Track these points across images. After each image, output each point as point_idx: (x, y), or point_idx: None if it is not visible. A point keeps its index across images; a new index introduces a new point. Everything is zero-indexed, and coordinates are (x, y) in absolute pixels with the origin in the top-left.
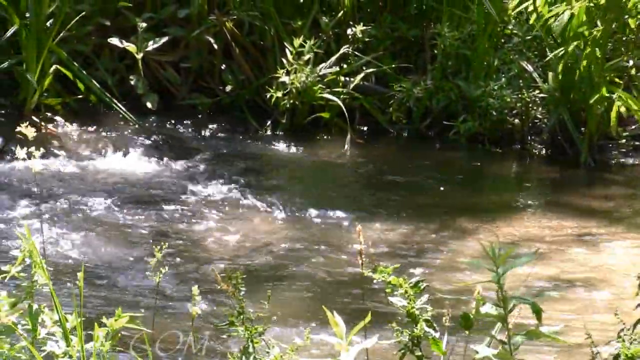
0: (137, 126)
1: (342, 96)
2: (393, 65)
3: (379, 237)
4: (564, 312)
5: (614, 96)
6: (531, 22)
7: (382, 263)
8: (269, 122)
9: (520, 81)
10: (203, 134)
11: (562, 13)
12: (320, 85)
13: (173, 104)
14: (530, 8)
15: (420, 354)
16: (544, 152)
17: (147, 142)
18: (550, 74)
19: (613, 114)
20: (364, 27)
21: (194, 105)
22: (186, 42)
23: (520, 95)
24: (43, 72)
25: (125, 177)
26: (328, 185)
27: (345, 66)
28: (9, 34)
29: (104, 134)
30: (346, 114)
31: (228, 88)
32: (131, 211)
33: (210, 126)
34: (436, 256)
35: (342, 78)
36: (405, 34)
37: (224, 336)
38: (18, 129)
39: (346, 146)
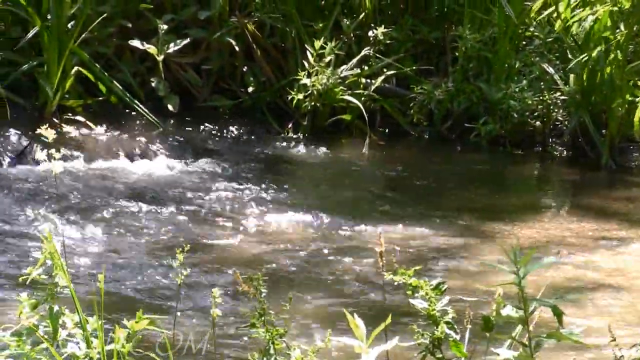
0: (158, 128)
1: (362, 98)
2: (414, 68)
3: (399, 239)
4: (585, 314)
5: (637, 100)
6: (556, 29)
7: (403, 265)
8: (290, 124)
9: (542, 83)
10: (224, 135)
11: (586, 18)
12: (341, 87)
13: (194, 105)
14: (553, 11)
15: (440, 356)
16: (565, 154)
17: (168, 143)
18: (571, 76)
19: (636, 119)
20: (385, 29)
21: (214, 107)
22: (207, 43)
23: (541, 98)
24: (64, 73)
25: (146, 178)
26: (348, 188)
27: (366, 68)
28: (30, 35)
29: (125, 135)
30: (366, 116)
31: (249, 90)
32: (152, 213)
33: (231, 128)
34: (457, 258)
35: (363, 80)
36: (426, 36)
37: (245, 338)
38: (39, 130)
39: (365, 149)
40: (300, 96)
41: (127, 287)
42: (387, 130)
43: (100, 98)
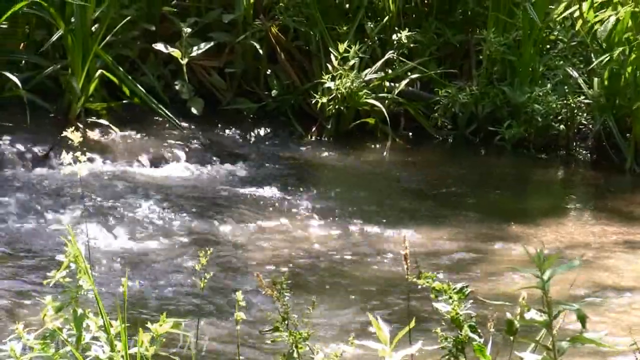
0: (182, 131)
1: (386, 102)
2: (438, 71)
3: (423, 242)
4: (609, 318)
5: None
6: (577, 28)
7: (426, 268)
8: (313, 128)
9: (566, 87)
10: (248, 139)
11: (608, 18)
12: (365, 91)
13: (218, 109)
14: (576, 14)
15: (464, 359)
16: (589, 157)
17: (192, 147)
18: (595, 80)
19: None
20: (409, 33)
21: (238, 110)
22: (231, 47)
23: (565, 101)
24: (88, 77)
25: (170, 181)
26: (372, 191)
27: (390, 71)
28: (54, 38)
29: (148, 138)
30: (388, 119)
31: (273, 93)
32: (176, 216)
33: (255, 131)
34: (480, 262)
35: (387, 83)
36: (450, 40)
37: (269, 342)
38: (63, 133)
39: (386, 152)
40: (324, 99)
41: (150, 290)
42: (411, 134)
43: (124, 101)
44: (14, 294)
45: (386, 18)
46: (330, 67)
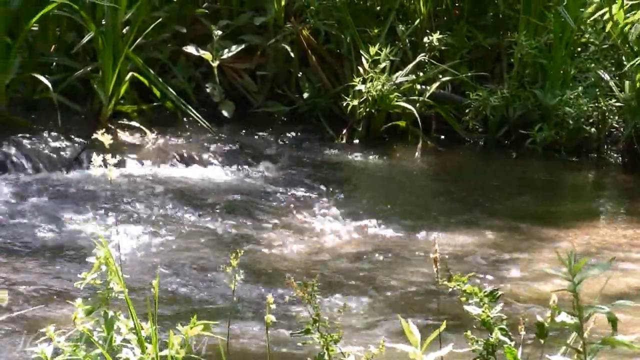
0: (213, 134)
1: (418, 104)
2: (469, 74)
3: (454, 245)
4: (638, 322)
5: None
6: (607, 29)
7: (457, 271)
8: (345, 130)
9: (597, 90)
10: (278, 141)
11: (638, 20)
12: (396, 94)
13: (249, 111)
14: (606, 16)
15: None
16: (620, 160)
17: (223, 149)
18: (626, 83)
19: None
20: (441, 35)
21: (269, 113)
22: (262, 49)
23: (596, 104)
24: (119, 79)
25: (201, 184)
26: (403, 194)
27: (421, 74)
28: (84, 41)
29: (179, 141)
30: (419, 122)
31: (304, 96)
32: (206, 218)
33: (286, 134)
34: (511, 265)
35: (418, 86)
36: (481, 42)
37: (299, 344)
38: (94, 136)
39: (417, 154)
40: (355, 102)
41: (181, 292)
42: (442, 137)
43: (155, 103)
44: (45, 296)
45: (417, 21)
46: (361, 69)
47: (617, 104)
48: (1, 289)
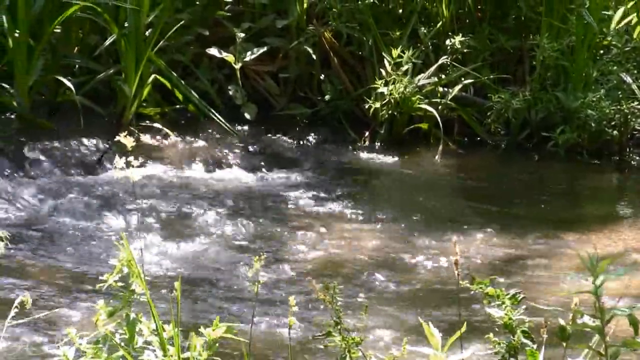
0: (235, 136)
1: (440, 107)
2: (491, 76)
3: (475, 247)
4: None
5: None
6: (635, 35)
7: (478, 274)
8: (367, 133)
9: (619, 92)
10: (301, 144)
11: None
12: (418, 96)
13: (271, 114)
14: (634, 20)
15: None
16: None
17: (245, 152)
18: None
19: None
20: (463, 38)
21: (291, 115)
22: (285, 52)
23: (618, 107)
24: (141, 81)
25: (223, 186)
26: (424, 196)
27: (443, 77)
28: (107, 43)
29: (202, 143)
30: (440, 124)
31: (326, 98)
32: (228, 220)
33: (308, 136)
34: (533, 267)
35: (440, 89)
36: (504, 45)
37: (321, 347)
38: (116, 138)
39: (437, 156)
40: (378, 105)
41: (203, 295)
42: (464, 139)
43: (177, 106)
44: (67, 298)
45: (439, 23)
46: (383, 72)
47: (639, 106)
48: (15, 291)
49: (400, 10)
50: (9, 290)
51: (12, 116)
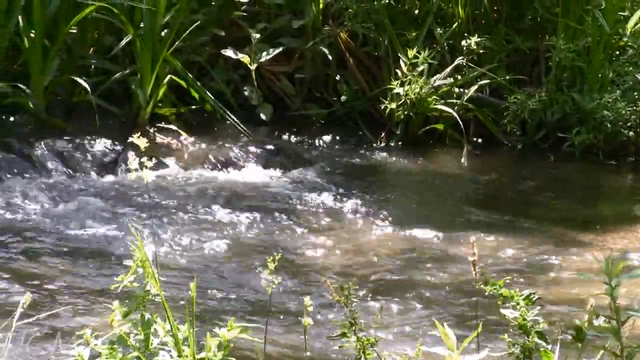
0: (251, 136)
1: (456, 108)
2: (507, 77)
3: (491, 248)
4: None
5: None
6: None
7: (494, 274)
8: (383, 133)
9: (635, 93)
10: (316, 144)
11: None
12: (434, 97)
13: (287, 114)
14: None
15: None
16: None
17: (261, 152)
18: None
19: None
20: (479, 39)
21: (307, 115)
22: (300, 52)
23: (634, 108)
24: (157, 82)
25: (238, 187)
26: (441, 197)
27: (459, 77)
28: (123, 43)
29: (217, 144)
30: (461, 125)
31: (342, 99)
32: (244, 220)
33: (324, 137)
34: (549, 268)
35: (456, 89)
36: (520, 46)
37: (336, 347)
38: (131, 138)
39: (463, 158)
40: (393, 105)
41: (218, 296)
42: (480, 140)
43: (193, 107)
44: (82, 299)
45: (455, 24)
46: (399, 72)
47: None
48: (31, 292)
49: (416, 11)
50: (21, 291)
51: (28, 116)
